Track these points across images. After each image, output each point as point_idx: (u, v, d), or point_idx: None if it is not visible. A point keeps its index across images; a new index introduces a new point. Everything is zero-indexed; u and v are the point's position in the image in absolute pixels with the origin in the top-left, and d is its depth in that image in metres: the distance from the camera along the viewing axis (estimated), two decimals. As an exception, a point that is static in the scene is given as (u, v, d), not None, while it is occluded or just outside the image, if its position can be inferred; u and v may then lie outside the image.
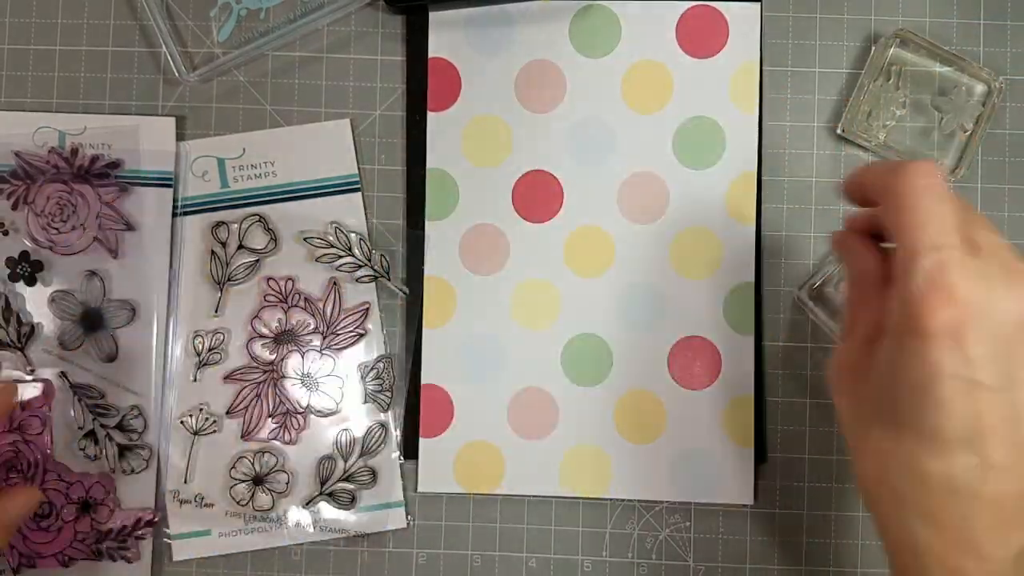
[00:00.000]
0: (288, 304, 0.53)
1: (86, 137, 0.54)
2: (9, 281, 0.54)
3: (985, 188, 0.55)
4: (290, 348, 0.53)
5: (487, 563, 0.54)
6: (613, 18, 0.55)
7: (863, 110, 0.54)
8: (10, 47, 0.56)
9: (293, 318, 0.53)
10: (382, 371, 0.53)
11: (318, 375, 0.53)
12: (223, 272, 0.53)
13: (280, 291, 0.53)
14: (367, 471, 0.53)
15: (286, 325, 0.53)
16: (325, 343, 0.53)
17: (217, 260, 0.53)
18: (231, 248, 0.53)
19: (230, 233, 0.53)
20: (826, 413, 0.54)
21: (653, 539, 0.54)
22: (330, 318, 0.53)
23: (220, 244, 0.53)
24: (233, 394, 0.53)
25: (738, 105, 0.54)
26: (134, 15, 0.56)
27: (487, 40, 0.55)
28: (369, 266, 0.53)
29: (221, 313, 0.53)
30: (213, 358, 0.53)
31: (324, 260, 0.53)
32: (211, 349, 0.53)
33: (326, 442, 0.54)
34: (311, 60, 0.55)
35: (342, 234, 0.53)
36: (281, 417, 0.52)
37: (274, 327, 0.53)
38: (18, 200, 0.53)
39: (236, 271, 0.53)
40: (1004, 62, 0.55)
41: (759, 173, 0.54)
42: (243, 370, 0.53)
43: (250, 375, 0.53)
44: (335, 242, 0.53)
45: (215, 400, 0.54)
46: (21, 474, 0.53)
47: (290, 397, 0.53)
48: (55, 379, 0.54)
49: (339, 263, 0.53)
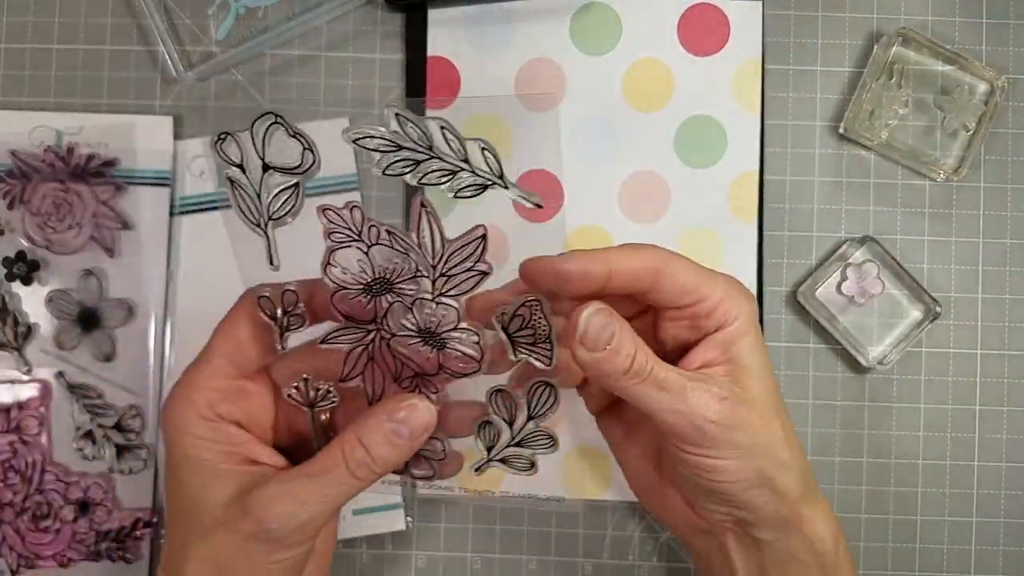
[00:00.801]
0: (367, 241, 0.36)
1: (83, 136, 0.54)
2: (5, 281, 0.53)
3: (987, 187, 0.54)
4: (391, 299, 0.37)
5: (487, 565, 0.54)
6: (614, 16, 0.54)
7: (865, 109, 0.53)
8: (7, 46, 0.55)
9: (380, 258, 0.37)
10: (531, 318, 0.37)
11: (441, 329, 0.37)
12: (258, 207, 0.36)
13: (347, 224, 0.36)
14: (544, 437, 0.40)
15: (374, 270, 0.37)
16: (437, 288, 0.37)
17: (241, 191, 0.36)
18: (254, 171, 0.36)
19: (244, 151, 0.36)
20: (826, 413, 0.54)
21: (654, 541, 0.54)
22: (433, 254, 0.36)
23: (236, 167, 0.36)
24: (337, 362, 0.39)
25: (740, 104, 0.54)
26: (131, 13, 0.55)
27: (487, 38, 0.55)
28: (469, 168, 0.35)
29: (277, 265, 0.38)
30: (293, 322, 0.38)
31: (395, 171, 0.36)
32: (286, 312, 0.38)
33: None
34: (309, 58, 0.55)
35: (414, 126, 0.35)
36: (409, 381, 0.39)
37: (358, 273, 0.37)
38: (14, 199, 0.53)
39: (275, 202, 0.37)
40: (1006, 61, 0.54)
41: (761, 172, 0.54)
42: (339, 332, 0.39)
43: (351, 334, 0.39)
44: (404, 139, 0.35)
45: (312, 371, 0.41)
46: (19, 475, 0.53)
47: (412, 358, 0.39)
48: (52, 379, 0.54)
49: (421, 171, 0.36)
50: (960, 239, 0.54)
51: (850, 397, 0.54)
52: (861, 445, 0.54)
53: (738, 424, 0.37)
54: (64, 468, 0.53)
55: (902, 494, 0.54)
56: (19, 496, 0.53)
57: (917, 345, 0.54)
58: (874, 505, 0.54)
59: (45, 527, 0.53)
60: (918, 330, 0.53)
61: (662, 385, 0.36)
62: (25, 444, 0.53)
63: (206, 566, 0.36)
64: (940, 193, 0.54)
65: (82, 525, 0.53)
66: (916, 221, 0.54)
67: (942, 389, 0.54)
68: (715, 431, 0.36)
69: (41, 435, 0.53)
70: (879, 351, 0.53)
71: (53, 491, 0.53)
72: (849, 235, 0.54)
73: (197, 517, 0.36)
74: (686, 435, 0.37)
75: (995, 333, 0.54)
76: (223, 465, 0.37)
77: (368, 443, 0.36)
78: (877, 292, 0.53)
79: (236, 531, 0.35)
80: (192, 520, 0.37)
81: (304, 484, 0.36)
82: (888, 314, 0.53)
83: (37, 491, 0.53)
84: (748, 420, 0.37)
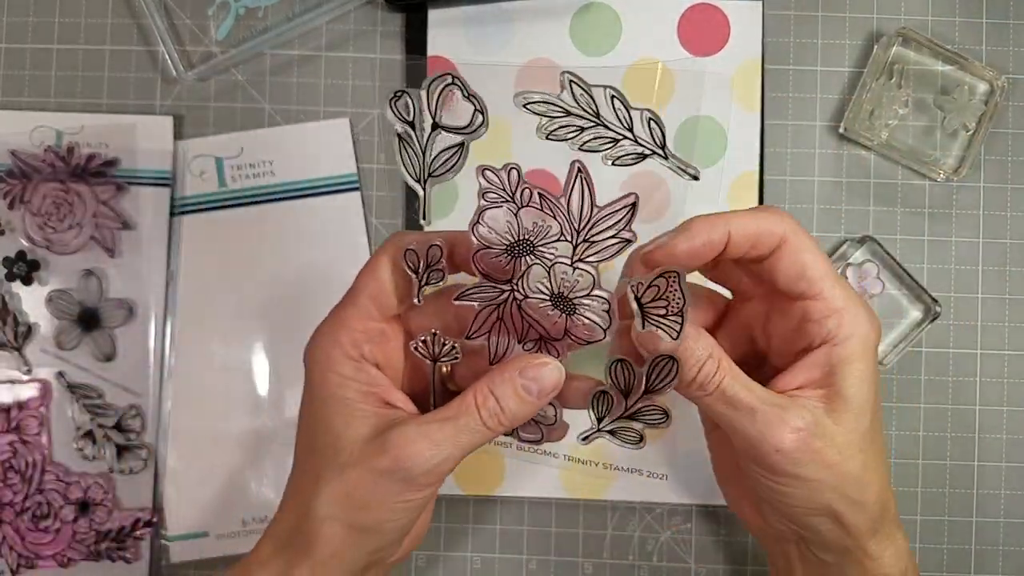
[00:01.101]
0: (518, 203, 0.38)
1: (84, 136, 0.54)
2: (6, 281, 0.53)
3: (987, 187, 0.54)
4: (530, 261, 0.38)
5: (487, 565, 0.54)
6: (614, 16, 0.54)
7: (865, 109, 0.53)
8: (7, 46, 0.55)
9: (527, 220, 0.38)
10: (667, 289, 0.37)
11: (573, 295, 0.38)
12: (420, 162, 0.38)
13: (502, 184, 0.38)
14: (657, 411, 0.40)
15: (519, 232, 0.38)
16: (577, 253, 0.38)
17: (408, 146, 0.38)
18: (424, 127, 0.38)
19: (417, 109, 0.38)
20: (827, 414, 0.54)
21: (654, 541, 0.54)
22: (580, 219, 0.38)
23: (407, 124, 0.38)
24: (465, 318, 0.40)
25: (740, 104, 0.54)
26: (132, 14, 0.55)
27: (487, 38, 0.55)
28: (632, 138, 0.37)
29: (429, 220, 0.39)
30: (434, 277, 0.39)
31: (558, 136, 0.38)
32: (429, 266, 0.39)
33: None
34: (309, 59, 0.55)
35: (584, 92, 0.37)
36: (534, 343, 0.40)
37: (503, 233, 0.38)
38: (14, 199, 0.53)
39: (436, 161, 0.39)
40: (1006, 61, 0.54)
41: (761, 172, 0.54)
42: (475, 290, 0.40)
43: (486, 292, 0.40)
44: (574, 106, 0.37)
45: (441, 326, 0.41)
46: (19, 475, 0.53)
47: (541, 322, 0.40)
48: (52, 379, 0.54)
49: (583, 138, 0.38)
50: (960, 239, 0.54)
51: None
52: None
53: (809, 459, 0.35)
54: (64, 468, 0.53)
55: (902, 494, 0.54)
56: (19, 496, 0.53)
57: (917, 345, 0.54)
58: (874, 505, 0.54)
59: (45, 527, 0.53)
60: (918, 330, 0.53)
61: (731, 402, 0.35)
62: (25, 444, 0.53)
63: (338, 501, 0.36)
64: (940, 193, 0.54)
65: (82, 525, 0.53)
66: (916, 221, 0.54)
67: (942, 389, 0.54)
68: (780, 461, 0.35)
69: (41, 435, 0.53)
70: (879, 351, 0.53)
71: (53, 491, 0.53)
72: (849, 235, 0.54)
73: (333, 453, 0.37)
74: (750, 456, 0.36)
75: (995, 333, 0.54)
76: (363, 405, 0.37)
77: (500, 395, 0.37)
78: (877, 292, 0.53)
79: (372, 468, 0.36)
80: (327, 456, 0.37)
81: (440, 428, 0.36)
82: (888, 314, 0.53)
83: (37, 491, 0.53)
84: (822, 455, 0.35)
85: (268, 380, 0.55)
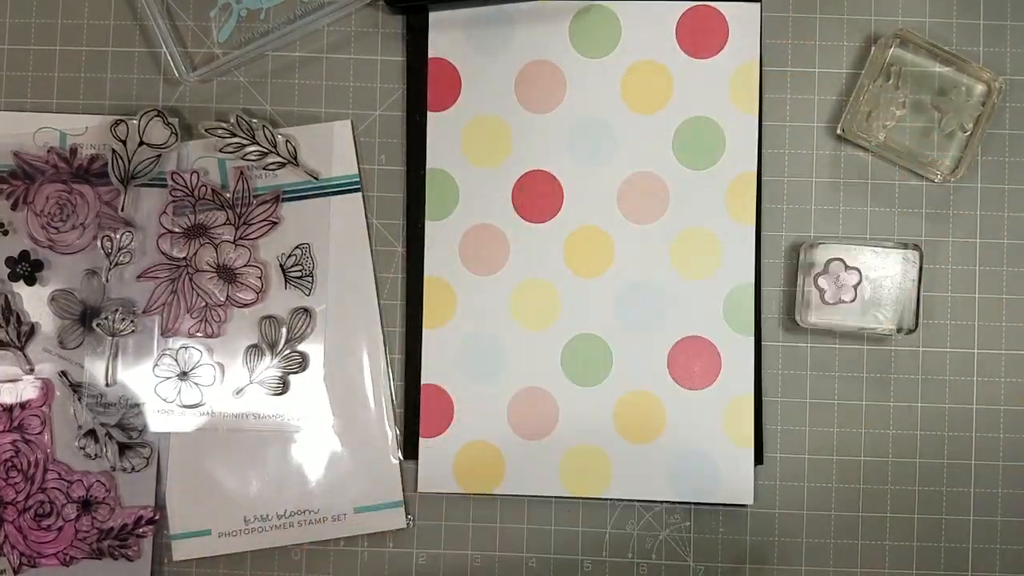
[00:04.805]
0: (196, 198, 0.53)
1: (87, 137, 0.54)
2: (9, 280, 0.54)
3: (985, 188, 0.55)
4: (202, 242, 0.53)
5: (487, 563, 0.54)
6: (613, 18, 0.55)
7: (863, 110, 0.54)
8: (10, 47, 0.56)
9: (202, 212, 0.53)
10: (301, 257, 0.53)
11: (234, 266, 0.53)
12: (125, 169, 0.53)
13: (186, 185, 0.53)
14: (296, 356, 0.53)
15: (195, 220, 0.53)
16: (238, 234, 0.53)
17: (118, 158, 0.53)
18: (131, 145, 0.53)
19: (129, 129, 0.53)
20: (825, 413, 0.54)
21: (653, 539, 0.54)
22: (240, 209, 0.53)
23: (120, 142, 0.53)
24: (148, 293, 0.53)
25: (738, 105, 0.54)
26: (134, 15, 0.56)
27: (487, 40, 0.55)
28: (275, 152, 0.53)
29: (128, 212, 0.53)
30: (123, 258, 0.53)
31: (229, 151, 0.53)
32: (120, 248, 0.53)
33: (251, 333, 0.54)
34: (311, 60, 0.55)
35: (244, 122, 0.53)
36: (200, 311, 0.53)
37: (184, 223, 0.53)
38: (18, 200, 0.54)
39: (139, 168, 0.53)
40: (1004, 62, 0.55)
41: (759, 173, 0.54)
42: (156, 268, 0.53)
43: (163, 272, 0.53)
44: (237, 131, 0.53)
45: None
46: (21, 473, 0.53)
47: (208, 291, 0.53)
48: (55, 378, 0.54)
49: (244, 152, 0.53)
50: (957, 239, 0.54)
51: (848, 396, 0.54)
52: (859, 444, 0.54)
53: None
54: (66, 466, 0.54)
55: (900, 493, 0.54)
56: (21, 495, 0.53)
57: (917, 345, 0.54)
58: (872, 504, 0.54)
59: (47, 525, 0.53)
60: None
61: None
62: (27, 443, 0.53)
63: None
64: (937, 194, 0.55)
65: (84, 523, 0.53)
66: (913, 222, 0.55)
67: (939, 389, 0.54)
68: None
69: (43, 434, 0.54)
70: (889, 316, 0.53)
71: (55, 489, 0.53)
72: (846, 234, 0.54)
73: None
74: None
75: (992, 333, 0.54)
76: None
77: None
78: (854, 283, 0.52)
79: None
80: None
81: None
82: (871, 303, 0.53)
83: (39, 489, 0.53)
84: None
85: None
